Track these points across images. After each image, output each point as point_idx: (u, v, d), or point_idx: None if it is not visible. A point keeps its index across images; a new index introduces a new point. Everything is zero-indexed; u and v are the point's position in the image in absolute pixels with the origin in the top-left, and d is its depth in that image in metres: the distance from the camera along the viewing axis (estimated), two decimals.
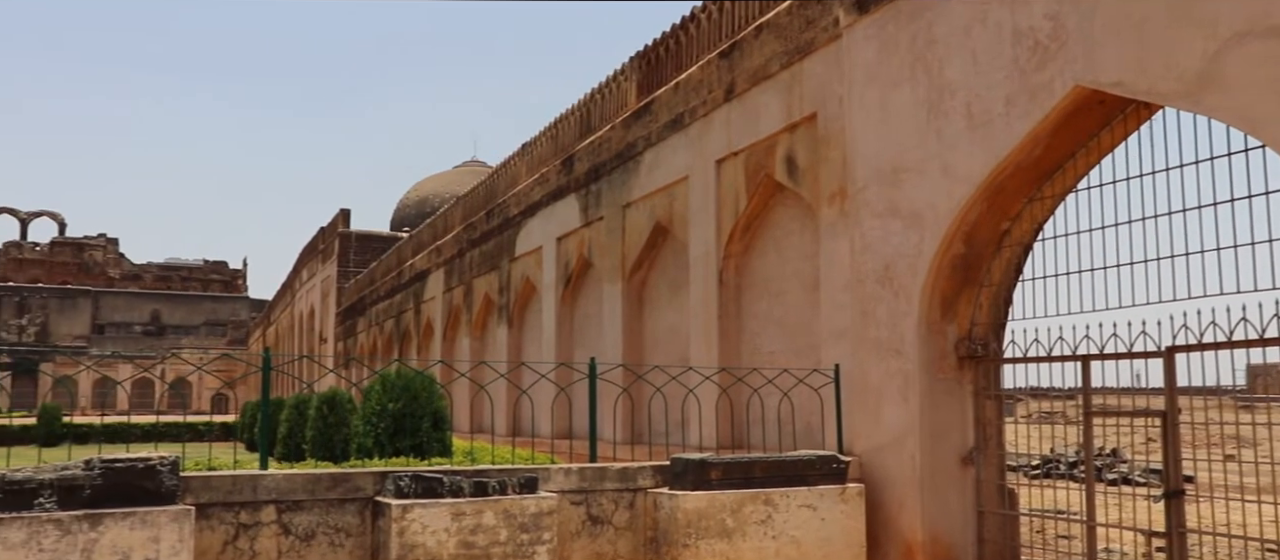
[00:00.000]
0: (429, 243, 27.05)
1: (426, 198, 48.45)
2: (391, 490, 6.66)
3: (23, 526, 5.44)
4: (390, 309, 31.56)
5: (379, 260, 35.08)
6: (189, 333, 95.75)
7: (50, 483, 5.59)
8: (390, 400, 9.61)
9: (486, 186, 22.10)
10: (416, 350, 27.41)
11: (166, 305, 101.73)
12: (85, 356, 76.81)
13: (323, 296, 44.37)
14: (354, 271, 39.70)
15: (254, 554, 6.46)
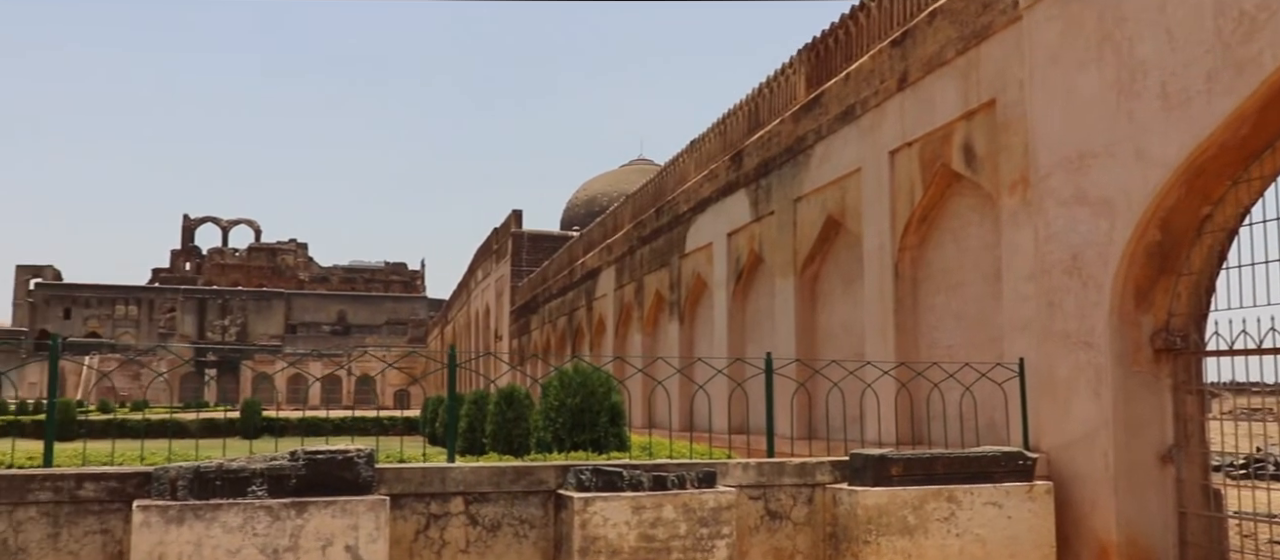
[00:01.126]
0: (599, 241, 27.48)
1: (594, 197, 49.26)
2: (573, 483, 6.80)
3: (239, 512, 5.82)
4: (562, 306, 32.22)
5: (550, 259, 35.86)
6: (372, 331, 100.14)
7: (261, 472, 5.96)
8: (568, 396, 9.80)
9: (655, 184, 22.29)
10: (589, 347, 27.90)
11: (351, 305, 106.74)
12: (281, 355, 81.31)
13: (497, 295, 45.69)
14: (527, 270, 40.71)
15: (444, 543, 6.70)
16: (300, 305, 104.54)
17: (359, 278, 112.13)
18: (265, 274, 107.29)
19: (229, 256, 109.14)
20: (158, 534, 5.74)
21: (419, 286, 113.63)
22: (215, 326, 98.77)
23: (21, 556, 5.94)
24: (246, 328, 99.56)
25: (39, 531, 5.98)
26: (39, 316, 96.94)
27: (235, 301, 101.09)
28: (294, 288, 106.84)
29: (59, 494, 6.01)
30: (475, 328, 53.28)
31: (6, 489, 5.93)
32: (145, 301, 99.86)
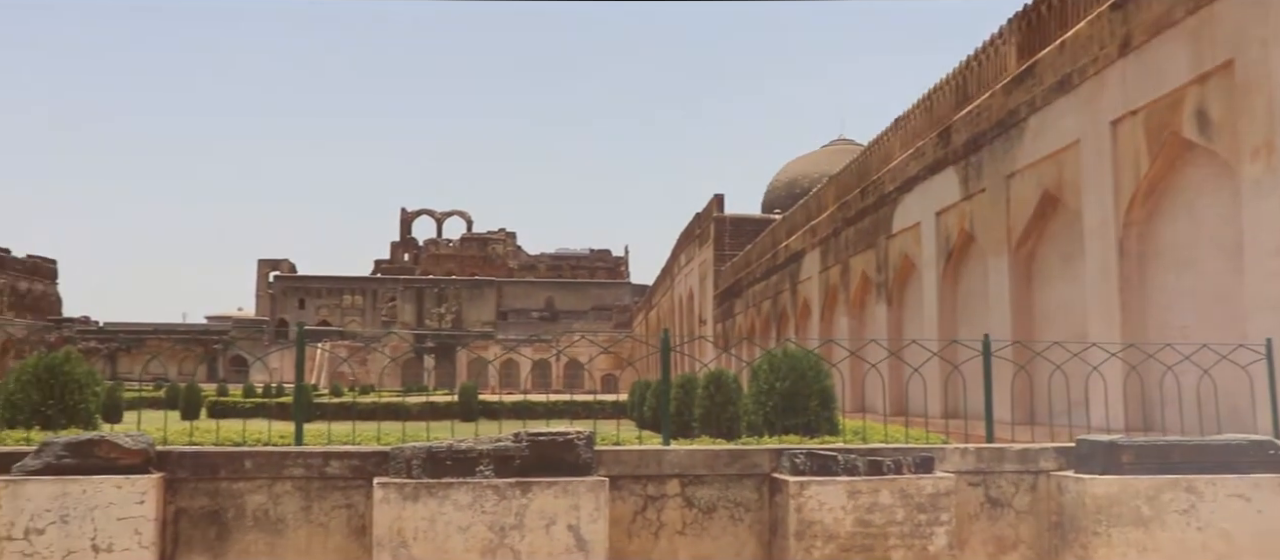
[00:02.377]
0: (802, 223, 27.26)
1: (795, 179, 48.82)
2: (787, 467, 6.81)
3: (469, 490, 6.13)
4: (767, 290, 32.15)
5: (753, 243, 35.83)
6: (579, 317, 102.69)
7: (488, 453, 6.25)
8: (778, 379, 9.78)
9: (859, 164, 21.91)
10: (794, 330, 27.74)
11: (558, 292, 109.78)
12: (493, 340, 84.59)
13: (700, 280, 46.01)
14: (729, 254, 40.81)
15: (661, 524, 6.85)
16: (510, 292, 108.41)
17: (565, 265, 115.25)
18: (477, 263, 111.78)
19: (443, 247, 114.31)
20: (396, 509, 6.12)
21: (623, 272, 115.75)
22: (432, 314, 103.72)
23: (280, 526, 6.46)
24: (461, 315, 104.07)
25: (294, 504, 6.49)
26: (278, 306, 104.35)
27: (450, 290, 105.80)
28: (504, 275, 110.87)
29: (309, 470, 6.50)
30: (679, 312, 53.86)
31: (266, 463, 6.47)
32: (369, 291, 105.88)
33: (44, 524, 6.06)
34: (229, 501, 6.48)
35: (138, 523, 6.14)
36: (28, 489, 6.09)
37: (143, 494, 6.17)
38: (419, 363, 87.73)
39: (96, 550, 6.08)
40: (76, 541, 6.07)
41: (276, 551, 6.46)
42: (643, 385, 28.05)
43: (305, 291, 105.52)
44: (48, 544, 6.04)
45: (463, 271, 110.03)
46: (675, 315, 55.13)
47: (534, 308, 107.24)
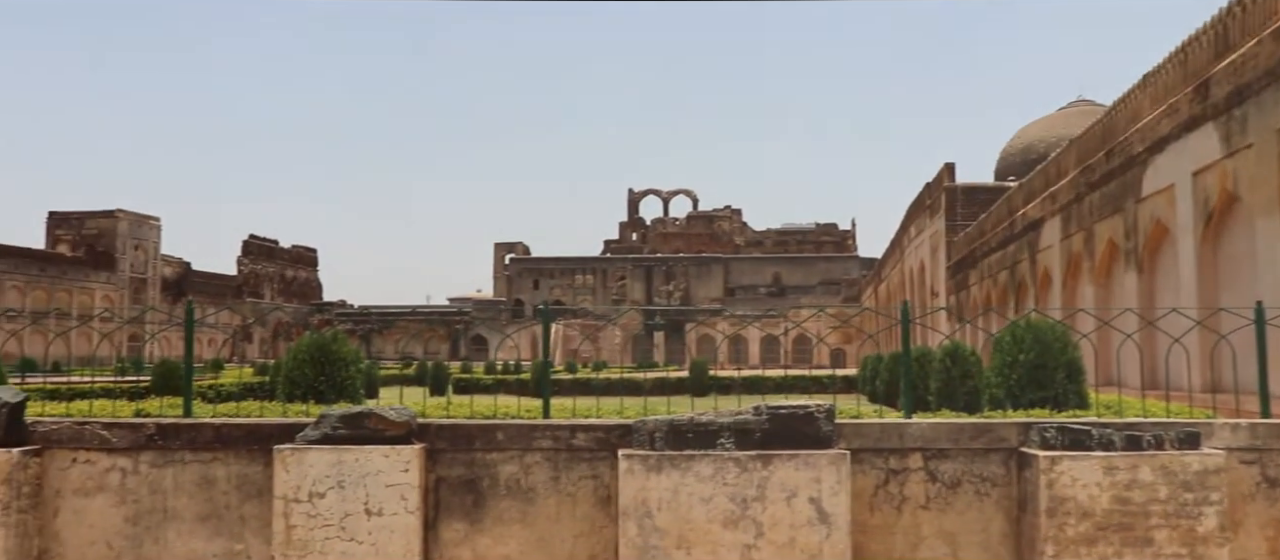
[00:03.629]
0: (1041, 190, 25.99)
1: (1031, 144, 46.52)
2: (1036, 441, 6.57)
3: (710, 463, 6.25)
4: (1003, 260, 30.88)
5: (987, 212, 34.45)
6: (806, 292, 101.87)
7: (728, 426, 6.35)
8: (1021, 351, 9.42)
9: (1102, 125, 20.66)
10: (1033, 301, 26.53)
11: (785, 267, 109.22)
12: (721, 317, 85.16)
13: (932, 251, 44.67)
14: (962, 225, 39.39)
15: (903, 498, 6.75)
16: (737, 269, 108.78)
17: (791, 240, 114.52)
18: (703, 241, 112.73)
19: (670, 225, 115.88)
20: (640, 480, 6.31)
21: (850, 246, 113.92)
22: (661, 291, 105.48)
23: (531, 494, 6.79)
24: (689, 292, 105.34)
25: (543, 474, 6.80)
26: (513, 287, 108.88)
27: (678, 268, 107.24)
28: (730, 252, 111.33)
29: (557, 442, 6.79)
30: (909, 285, 52.52)
31: (517, 435, 6.81)
32: (599, 271, 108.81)
33: (324, 489, 6.60)
34: (484, 471, 6.86)
35: (403, 489, 6.60)
36: (309, 457, 6.65)
37: (407, 463, 6.62)
38: (649, 339, 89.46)
39: (369, 514, 6.58)
40: (352, 505, 6.59)
41: (528, 519, 6.79)
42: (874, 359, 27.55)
43: (539, 272, 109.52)
44: (328, 507, 6.59)
45: (689, 249, 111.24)
46: (906, 288, 53.79)
47: (761, 283, 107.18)
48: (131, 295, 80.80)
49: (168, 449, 7.09)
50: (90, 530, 7.10)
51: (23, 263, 73.21)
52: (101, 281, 79.16)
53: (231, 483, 7.05)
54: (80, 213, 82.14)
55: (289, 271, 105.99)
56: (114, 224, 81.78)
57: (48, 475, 7.12)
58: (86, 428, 7.16)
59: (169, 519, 7.06)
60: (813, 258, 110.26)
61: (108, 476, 7.11)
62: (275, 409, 8.16)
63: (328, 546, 6.57)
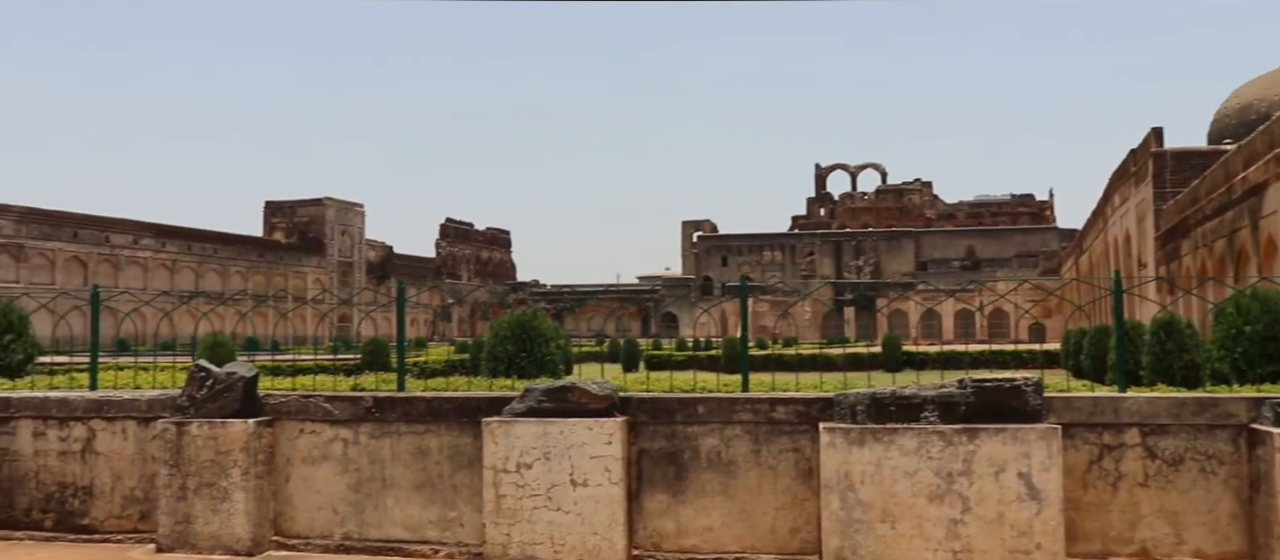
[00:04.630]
0: (1264, 152, 24.17)
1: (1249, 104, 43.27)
2: (1269, 418, 6.15)
3: (914, 436, 6.14)
4: (1219, 228, 28.91)
5: (1200, 178, 32.30)
6: (1001, 265, 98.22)
7: (932, 399, 6.21)
8: (1247, 323, 8.82)
9: None
10: (1256, 270, 24.75)
11: (979, 240, 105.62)
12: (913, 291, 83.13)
13: (1138, 220, 42.23)
14: (1171, 192, 37.06)
15: (1120, 475, 6.45)
16: (928, 243, 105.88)
17: (985, 212, 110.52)
18: (893, 214, 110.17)
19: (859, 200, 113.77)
20: (842, 453, 6.26)
21: (1048, 217, 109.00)
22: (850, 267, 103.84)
23: (732, 467, 6.84)
24: (878, 267, 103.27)
25: (744, 447, 6.83)
26: (701, 264, 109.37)
27: (867, 243, 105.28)
28: (921, 226, 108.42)
29: (757, 415, 6.81)
30: (1113, 256, 49.85)
31: (717, 409, 6.87)
32: (787, 247, 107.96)
33: (531, 460, 6.84)
34: (685, 444, 6.94)
35: (607, 461, 6.76)
36: (516, 429, 6.90)
37: (610, 435, 6.77)
38: (839, 315, 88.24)
39: (574, 485, 6.77)
40: (557, 476, 6.79)
41: (730, 491, 6.84)
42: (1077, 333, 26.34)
43: (727, 249, 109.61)
44: (535, 477, 6.82)
45: (878, 224, 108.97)
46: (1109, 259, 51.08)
47: (954, 257, 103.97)
48: (339, 278, 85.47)
49: (384, 421, 7.49)
50: (317, 496, 7.59)
51: (244, 249, 78.56)
52: (313, 266, 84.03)
53: (443, 453, 7.38)
54: (292, 202, 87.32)
55: (484, 253, 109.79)
56: (322, 211, 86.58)
57: (279, 444, 7.64)
58: (311, 401, 7.65)
59: (387, 487, 7.47)
60: (1008, 230, 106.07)
61: (331, 446, 7.58)
62: (481, 384, 8.50)
63: (536, 516, 6.80)
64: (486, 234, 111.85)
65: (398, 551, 7.36)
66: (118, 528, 7.96)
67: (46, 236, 62.25)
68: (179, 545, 7.43)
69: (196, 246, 73.68)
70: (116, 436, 8.00)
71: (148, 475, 7.88)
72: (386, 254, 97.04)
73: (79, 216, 65.17)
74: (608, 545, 6.71)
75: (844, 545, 6.20)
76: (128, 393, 8.17)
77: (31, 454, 8.19)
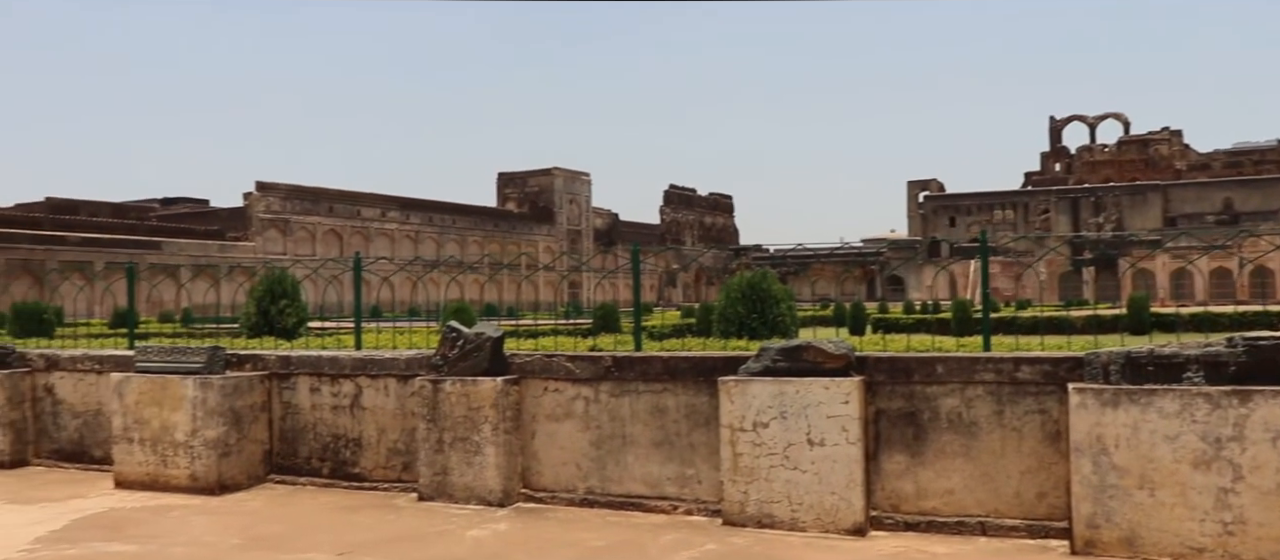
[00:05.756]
0: None
1: None
2: None
3: (1175, 398, 5.79)
4: None
5: None
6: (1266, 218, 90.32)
7: (1195, 359, 5.84)
8: None
9: None
10: None
11: (1238, 192, 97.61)
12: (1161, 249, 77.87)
13: None
14: None
15: None
16: (1178, 196, 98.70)
17: (1246, 161, 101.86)
18: (1137, 167, 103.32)
19: (1098, 153, 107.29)
20: (1094, 415, 5.98)
21: None
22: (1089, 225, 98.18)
23: (973, 428, 6.67)
24: (1120, 224, 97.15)
25: (985, 408, 6.65)
26: (928, 225, 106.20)
27: (1108, 198, 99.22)
28: (1170, 178, 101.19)
29: (1000, 375, 6.60)
30: None
31: (957, 368, 6.70)
32: (1019, 205, 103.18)
33: (767, 419, 6.89)
34: (923, 404, 6.82)
35: (844, 421, 6.73)
36: (752, 388, 6.96)
37: (847, 395, 6.73)
38: (1077, 276, 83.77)
39: (811, 444, 6.78)
40: (794, 435, 6.82)
41: (971, 454, 6.67)
42: None
43: (955, 209, 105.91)
44: (772, 436, 6.87)
45: (1120, 177, 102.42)
46: None
47: (1208, 211, 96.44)
48: (568, 245, 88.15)
49: (623, 380, 7.72)
50: (561, 451, 7.92)
51: (480, 220, 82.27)
52: (543, 234, 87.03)
53: (680, 412, 7.55)
54: (523, 172, 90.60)
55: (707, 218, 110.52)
56: (551, 181, 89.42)
57: (525, 402, 8.02)
58: (554, 360, 7.97)
59: (627, 444, 7.71)
60: (1273, 179, 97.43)
61: (574, 404, 7.88)
62: (715, 344, 8.62)
63: (773, 474, 6.86)
64: (709, 199, 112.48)
65: (638, 506, 7.59)
66: (383, 477, 8.60)
67: (307, 211, 67.22)
68: (437, 495, 7.94)
69: (437, 218, 77.75)
70: (380, 393, 8.62)
71: (408, 429, 8.45)
72: (612, 221, 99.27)
73: (335, 192, 69.99)
74: (845, 505, 6.69)
75: (1097, 512, 5.94)
76: (388, 353, 8.77)
77: (309, 408, 8.96)
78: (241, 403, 8.86)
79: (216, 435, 8.61)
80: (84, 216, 59.21)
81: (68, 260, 49.75)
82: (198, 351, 8.93)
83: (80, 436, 10.19)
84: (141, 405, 8.87)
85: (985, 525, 6.59)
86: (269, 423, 9.10)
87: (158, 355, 9.06)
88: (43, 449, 10.42)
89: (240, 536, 7.04)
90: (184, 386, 8.66)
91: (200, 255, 56.56)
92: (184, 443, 8.64)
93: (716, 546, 6.50)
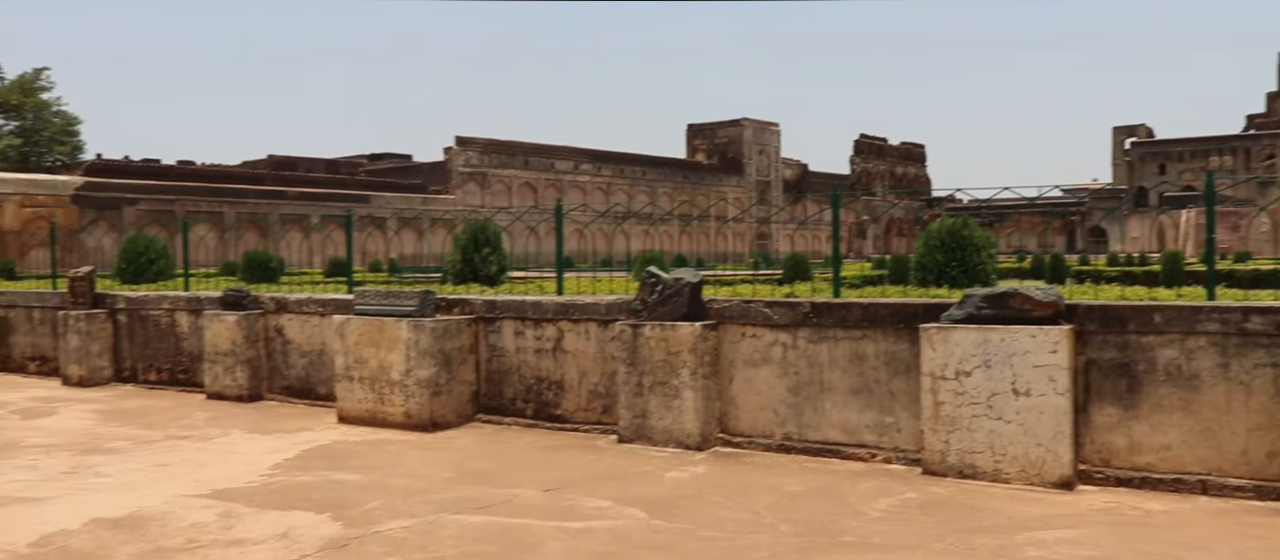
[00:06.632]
0: None
1: None
2: None
3: None
4: None
5: None
6: None
7: None
8: None
9: None
10: None
11: None
12: None
13: None
14: None
15: None
16: None
17: None
18: None
19: None
20: None
21: None
22: None
23: (1194, 382, 6.34)
24: None
25: (1208, 360, 6.30)
26: (1135, 173, 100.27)
27: None
28: None
29: (1226, 325, 6.24)
30: None
31: (1176, 318, 6.38)
32: (1239, 150, 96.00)
33: (970, 367, 6.75)
34: (1138, 355, 6.52)
35: (1052, 371, 6.52)
36: (955, 335, 6.83)
37: (1055, 343, 6.51)
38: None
39: (1016, 394, 6.61)
40: (998, 384, 6.66)
41: (1191, 408, 6.35)
42: None
43: (1165, 156, 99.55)
44: (975, 385, 6.73)
45: None
46: None
47: None
48: (757, 196, 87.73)
49: (821, 326, 7.70)
50: (758, 397, 7.99)
51: (669, 171, 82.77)
52: (732, 185, 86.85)
53: (880, 359, 7.48)
54: (712, 123, 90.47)
55: (898, 168, 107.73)
56: (740, 132, 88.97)
57: (722, 347, 8.11)
58: (752, 306, 8.02)
59: (824, 391, 7.70)
60: None
61: (771, 350, 7.92)
62: (914, 292, 8.48)
63: (975, 424, 6.73)
64: (901, 149, 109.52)
65: (835, 453, 7.59)
66: (584, 419, 8.89)
67: (503, 165, 69.30)
68: (636, 437, 8.16)
69: (627, 170, 78.73)
70: (581, 337, 8.89)
71: (608, 373, 8.70)
72: (801, 172, 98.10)
73: (529, 146, 71.84)
74: (1052, 457, 6.50)
75: None
76: (589, 298, 9.03)
77: (513, 351, 9.33)
78: (451, 345, 9.31)
79: (428, 375, 9.08)
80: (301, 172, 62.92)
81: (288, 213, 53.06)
82: (411, 296, 9.42)
83: (306, 374, 10.95)
84: (360, 346, 9.45)
85: (1206, 484, 6.28)
86: (476, 365, 9.53)
87: (374, 299, 9.61)
88: (274, 385, 11.24)
89: (452, 471, 7.44)
90: (398, 328, 9.16)
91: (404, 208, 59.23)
92: (398, 382, 9.16)
93: (917, 495, 6.45)
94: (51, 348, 13.86)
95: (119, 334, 12.99)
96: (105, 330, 12.96)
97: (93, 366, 12.85)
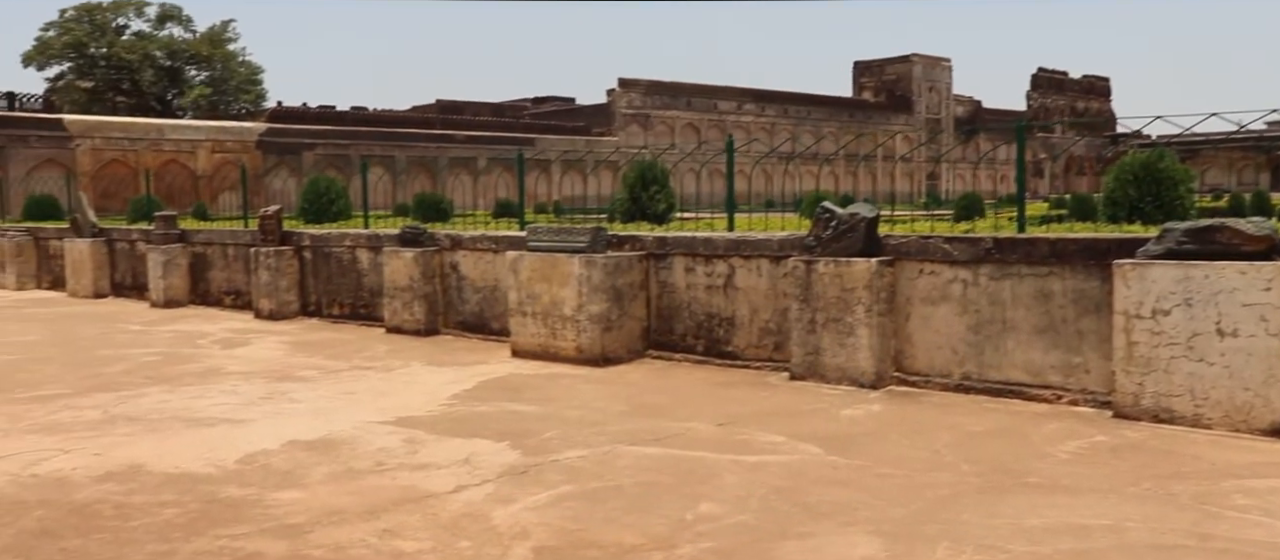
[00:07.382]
0: None
1: None
2: None
3: None
4: None
5: None
6: None
7: None
8: None
9: None
10: None
11: None
12: None
13: None
14: None
15: None
16: None
17: None
18: None
19: None
20: None
21: None
22: None
23: None
24: None
25: None
26: None
27: None
28: None
29: None
30: None
31: None
32: None
33: (1169, 306, 6.35)
34: None
35: (1263, 310, 6.06)
36: (1152, 272, 6.42)
37: (1269, 281, 6.04)
38: None
39: (1221, 334, 6.18)
40: (1200, 324, 6.24)
41: None
42: None
43: None
44: (1173, 324, 6.33)
45: None
46: None
47: None
48: (927, 134, 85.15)
49: (1004, 263, 7.39)
50: (936, 335, 7.74)
51: (835, 110, 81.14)
52: (900, 124, 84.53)
53: (1067, 297, 7.12)
54: (880, 60, 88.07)
55: (1079, 103, 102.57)
56: (909, 69, 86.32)
57: (899, 284, 7.88)
58: (930, 242, 7.76)
59: (1007, 330, 7.40)
60: None
61: (950, 287, 7.65)
62: (1105, 227, 8.03)
63: (1173, 366, 6.34)
64: (1083, 83, 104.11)
65: (1018, 394, 7.30)
66: (755, 356, 8.82)
67: (666, 106, 69.34)
68: (809, 374, 8.04)
69: (792, 109, 77.57)
70: (752, 273, 8.80)
71: (779, 309, 8.59)
72: (975, 109, 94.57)
73: (692, 86, 71.57)
74: (1261, 403, 6.07)
75: None
76: (761, 234, 8.92)
77: (684, 287, 9.33)
78: (622, 280, 9.37)
79: (600, 311, 9.17)
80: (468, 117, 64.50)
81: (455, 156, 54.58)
82: (582, 232, 9.51)
83: (480, 309, 11.23)
84: (533, 281, 9.61)
85: None
86: (646, 300, 9.57)
87: (546, 235, 9.75)
88: (450, 320, 11.59)
89: (625, 404, 7.50)
90: (570, 264, 9.27)
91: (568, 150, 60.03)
92: (571, 317, 9.28)
93: (1107, 439, 6.13)
94: (244, 283, 14.67)
95: (304, 270, 13.62)
96: (292, 266, 13.61)
97: (281, 301, 13.53)
